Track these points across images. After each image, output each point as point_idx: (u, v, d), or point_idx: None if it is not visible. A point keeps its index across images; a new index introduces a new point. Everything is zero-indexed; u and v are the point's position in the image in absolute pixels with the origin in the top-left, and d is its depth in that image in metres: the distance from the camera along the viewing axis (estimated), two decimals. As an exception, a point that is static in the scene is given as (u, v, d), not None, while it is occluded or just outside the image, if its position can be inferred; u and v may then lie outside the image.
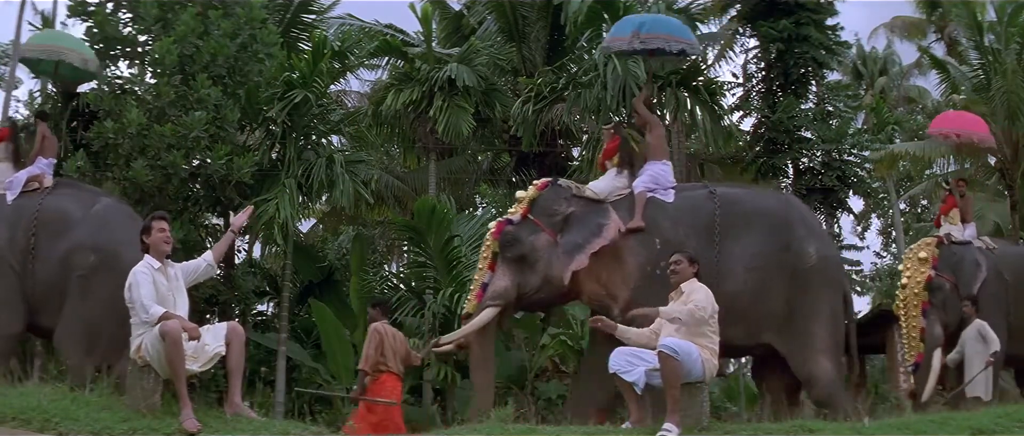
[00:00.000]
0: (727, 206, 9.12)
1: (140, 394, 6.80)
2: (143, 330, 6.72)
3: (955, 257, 11.57)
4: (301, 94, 14.15)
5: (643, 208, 9.01)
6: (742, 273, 8.77)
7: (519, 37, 19.77)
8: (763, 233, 8.94)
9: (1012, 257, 12.01)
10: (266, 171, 14.17)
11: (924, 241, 12.08)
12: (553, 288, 9.01)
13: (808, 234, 9.15)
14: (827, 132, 19.05)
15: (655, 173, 9.37)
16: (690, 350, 6.83)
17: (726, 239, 8.90)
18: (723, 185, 10.51)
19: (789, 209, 9.41)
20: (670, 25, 10.54)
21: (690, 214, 9.07)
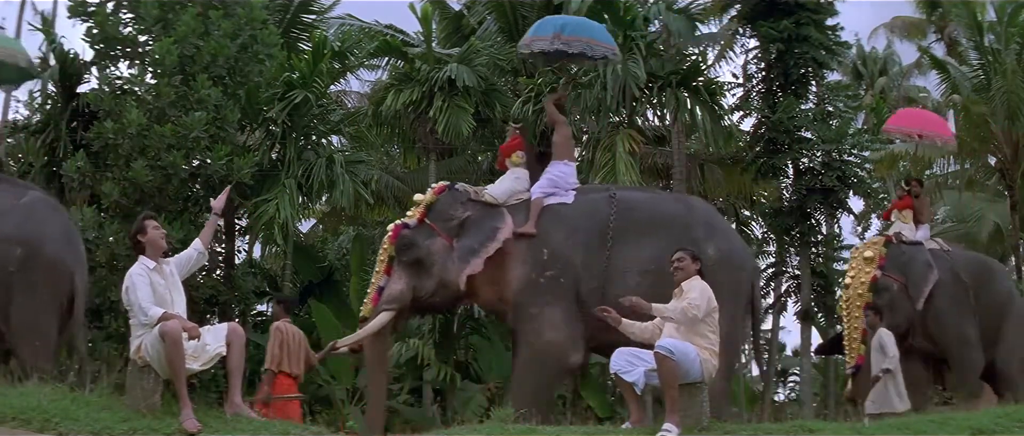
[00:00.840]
0: (624, 210, 9.04)
1: (140, 394, 6.81)
2: (142, 331, 6.73)
3: (904, 257, 11.24)
4: (301, 94, 14.16)
5: (538, 213, 8.98)
6: (636, 276, 8.66)
7: (519, 37, 19.73)
8: (660, 236, 8.80)
9: (967, 260, 11.82)
10: (266, 171, 14.18)
11: (871, 240, 11.83)
12: (448, 292, 9.01)
13: (708, 235, 8.98)
14: (827, 132, 19.03)
15: (555, 175, 9.31)
16: (687, 350, 6.83)
17: (620, 242, 8.82)
18: (628, 189, 10.37)
19: (690, 212, 9.27)
20: (592, 29, 10.37)
21: (586, 218, 8.99)
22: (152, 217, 7.21)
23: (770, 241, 23.66)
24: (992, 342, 11.37)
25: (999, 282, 11.90)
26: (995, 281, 11.78)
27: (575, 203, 9.13)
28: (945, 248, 11.71)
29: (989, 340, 11.31)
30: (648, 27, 17.61)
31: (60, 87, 14.02)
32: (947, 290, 11.11)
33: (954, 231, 22.64)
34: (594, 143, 16.73)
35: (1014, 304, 11.76)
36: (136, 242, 7.02)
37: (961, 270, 11.33)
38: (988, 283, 11.56)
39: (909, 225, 11.77)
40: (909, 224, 11.79)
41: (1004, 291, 11.84)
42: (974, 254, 12.93)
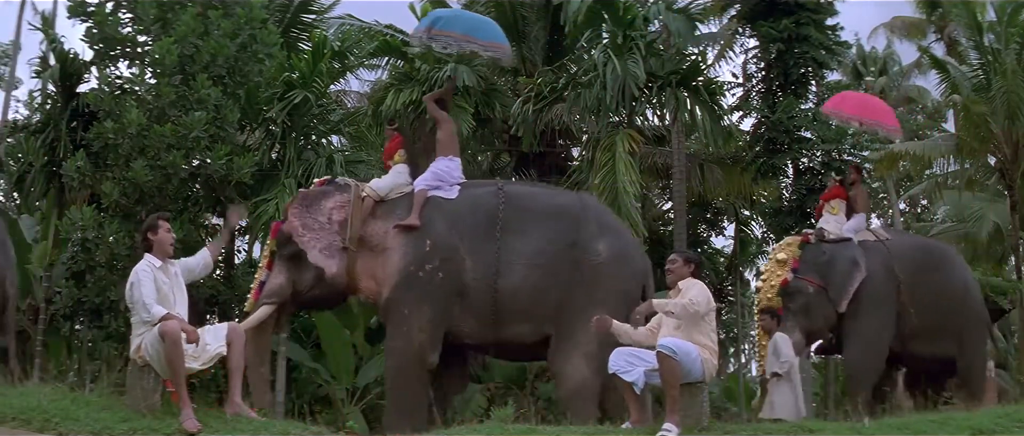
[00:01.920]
0: (513, 202, 9.00)
1: (140, 394, 6.82)
2: (143, 330, 6.74)
3: (824, 257, 10.68)
4: (301, 94, 14.15)
5: (421, 207, 8.96)
6: (523, 269, 8.63)
7: (519, 37, 19.76)
8: (550, 230, 8.78)
9: (909, 250, 11.12)
10: (266, 171, 14.17)
11: (786, 240, 11.28)
12: (327, 285, 9.03)
13: (599, 232, 8.91)
14: (827, 132, 19.02)
15: (439, 170, 9.32)
16: (689, 350, 6.83)
17: (508, 235, 8.77)
18: (518, 183, 10.31)
19: (582, 208, 9.18)
20: (468, 23, 10.22)
21: (470, 212, 8.97)
22: (165, 218, 7.22)
23: (770, 241, 23.66)
24: (941, 335, 10.79)
25: (949, 272, 11.12)
26: (943, 271, 11.04)
27: (460, 197, 9.11)
28: (883, 238, 11.06)
29: (934, 334, 10.73)
30: (648, 27, 17.61)
31: (60, 87, 14.00)
32: (873, 287, 10.54)
33: (954, 231, 22.66)
34: (594, 143, 16.73)
35: (973, 299, 11.16)
36: (145, 239, 7.04)
37: (897, 262, 10.70)
38: (932, 274, 10.88)
39: (839, 216, 11.19)
40: (839, 216, 11.21)
41: (955, 282, 11.09)
42: (922, 242, 12.18)
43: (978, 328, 11.22)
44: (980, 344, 11.23)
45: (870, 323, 10.49)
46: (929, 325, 10.70)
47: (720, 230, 24.83)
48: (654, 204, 24.11)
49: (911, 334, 10.69)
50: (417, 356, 8.65)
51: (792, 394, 9.55)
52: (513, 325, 8.61)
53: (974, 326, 11.16)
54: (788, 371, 9.59)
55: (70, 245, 12.57)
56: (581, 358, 8.44)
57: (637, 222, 15.59)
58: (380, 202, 9.19)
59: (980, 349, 11.21)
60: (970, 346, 11.03)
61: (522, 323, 8.63)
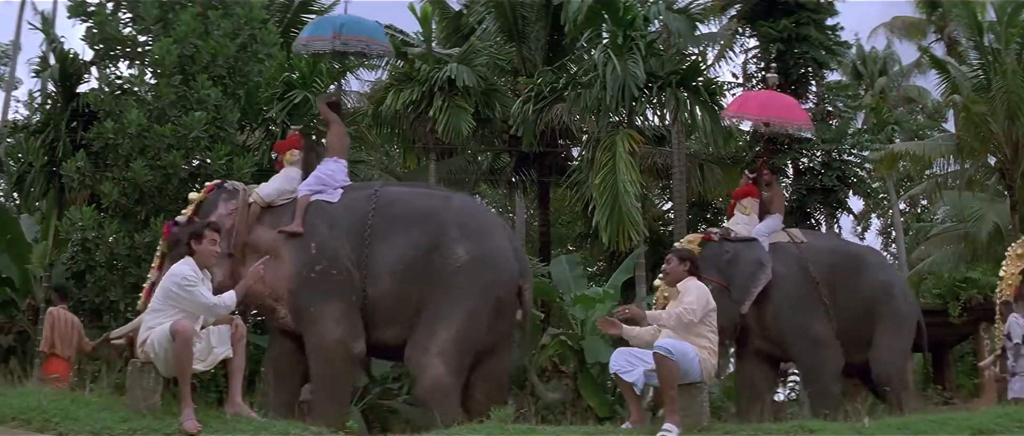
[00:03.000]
0: (384, 206, 8.99)
1: (140, 394, 6.82)
2: (156, 322, 6.75)
3: (727, 256, 10.19)
4: (301, 94, 14.16)
5: (304, 211, 8.98)
6: (387, 275, 8.62)
7: (519, 37, 19.78)
8: (414, 234, 8.76)
9: (823, 253, 10.59)
10: (267, 171, 14.16)
11: (688, 238, 10.81)
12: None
13: (462, 235, 8.81)
14: (827, 132, 19.06)
15: (324, 173, 9.31)
16: (686, 350, 6.85)
17: (377, 240, 8.77)
18: (396, 184, 10.24)
19: (445, 210, 9.07)
20: (369, 28, 10.48)
21: (347, 215, 8.96)
22: (216, 229, 7.20)
23: (770, 241, 23.65)
24: (863, 342, 10.35)
25: (868, 276, 10.59)
26: (861, 275, 10.53)
27: (341, 200, 9.12)
28: (799, 240, 10.63)
29: (858, 339, 10.30)
30: (648, 27, 17.62)
31: (60, 87, 14.00)
32: (789, 288, 10.14)
33: (954, 231, 22.67)
34: (594, 143, 16.73)
35: (892, 300, 10.59)
36: (187, 244, 7.02)
37: (813, 264, 10.28)
38: (850, 277, 10.46)
39: (751, 217, 10.76)
40: (751, 216, 10.77)
41: (875, 285, 10.56)
42: (838, 245, 11.59)
43: (898, 332, 10.51)
44: (899, 350, 10.56)
45: (809, 323, 10.09)
46: (844, 329, 10.24)
47: (720, 230, 24.80)
48: (654, 204, 24.12)
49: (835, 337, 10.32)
50: (340, 349, 8.64)
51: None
52: (382, 329, 8.62)
53: (893, 330, 10.46)
54: None
55: (70, 245, 12.56)
56: (437, 357, 8.38)
57: (637, 222, 15.60)
58: (268, 208, 9.17)
59: (899, 355, 10.54)
60: (886, 351, 10.39)
61: (388, 327, 8.65)
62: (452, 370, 8.40)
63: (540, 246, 20.74)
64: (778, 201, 11.04)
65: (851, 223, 29.69)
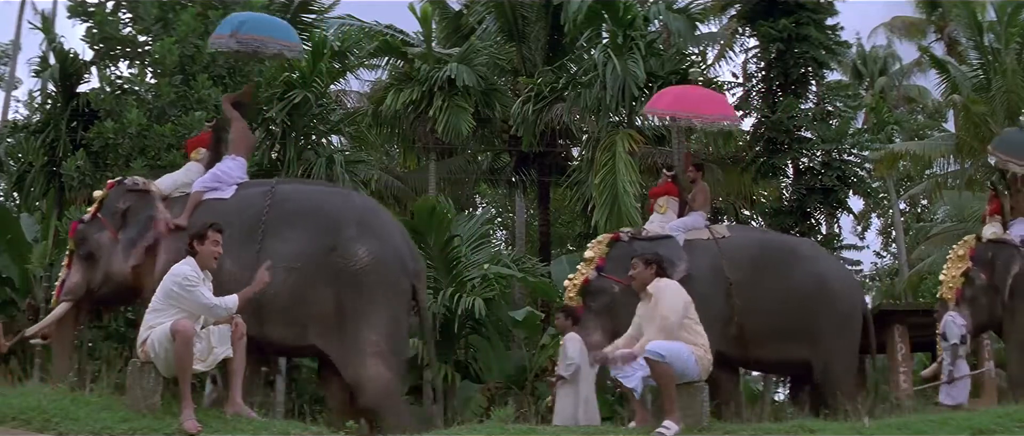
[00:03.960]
0: (278, 204, 8.88)
1: (140, 394, 6.81)
2: (155, 321, 6.75)
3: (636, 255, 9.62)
4: (301, 94, 14.16)
5: (194, 206, 8.98)
6: (281, 273, 8.34)
7: (519, 37, 19.78)
8: (310, 232, 8.64)
9: (745, 248, 10.20)
10: (266, 171, 14.17)
11: (598, 238, 10.44)
12: (115, 284, 9.04)
13: (360, 234, 8.67)
14: (827, 132, 19.05)
15: (220, 171, 9.27)
16: (680, 351, 6.87)
17: (270, 237, 8.64)
18: (294, 182, 10.20)
19: (344, 208, 8.96)
20: (271, 26, 10.29)
21: (239, 213, 8.86)
22: (219, 229, 7.16)
23: (770, 241, 23.64)
24: (789, 338, 9.96)
25: (798, 269, 10.17)
26: (790, 269, 10.13)
27: (233, 197, 9.05)
28: (718, 236, 10.26)
29: (791, 336, 9.94)
30: (648, 27, 17.63)
31: (60, 87, 14.00)
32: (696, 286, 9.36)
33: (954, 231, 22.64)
34: (594, 143, 16.74)
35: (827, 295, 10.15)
36: (190, 245, 7.02)
37: (728, 262, 9.92)
38: (777, 271, 10.03)
39: (667, 215, 10.47)
40: (667, 214, 10.49)
41: (807, 280, 10.12)
42: (764, 239, 11.15)
43: (837, 329, 10.13)
44: (843, 345, 10.19)
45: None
46: (773, 328, 9.87)
47: (720, 230, 24.81)
48: (654, 204, 24.08)
49: (752, 338, 9.87)
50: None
51: (573, 399, 9.03)
52: (275, 327, 8.41)
53: (833, 326, 10.09)
54: (572, 374, 9.04)
55: (70, 245, 12.55)
56: (376, 360, 8.29)
57: (637, 222, 15.59)
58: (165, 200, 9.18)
59: (843, 350, 10.19)
60: (827, 348, 10.06)
61: (283, 326, 8.46)
62: (392, 368, 8.32)
63: (540, 246, 20.74)
64: (701, 198, 10.65)
65: (851, 223, 29.70)
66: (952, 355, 10.47)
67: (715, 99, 11.40)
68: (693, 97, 11.09)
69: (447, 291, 14.27)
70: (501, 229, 27.37)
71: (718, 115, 10.86)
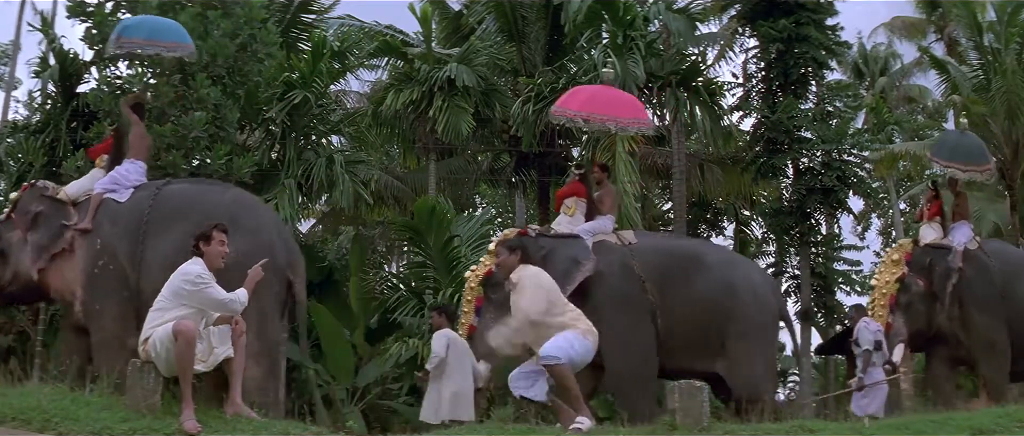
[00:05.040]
0: (161, 204, 9.18)
1: (140, 394, 6.81)
2: (158, 321, 6.75)
3: (542, 251, 9.51)
4: (301, 94, 14.15)
5: (94, 209, 9.27)
6: (158, 271, 8.54)
7: (519, 37, 19.78)
8: (185, 229, 8.70)
9: (653, 252, 9.97)
10: (266, 171, 14.18)
11: (505, 232, 10.21)
12: (23, 283, 9.39)
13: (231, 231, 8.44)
14: (827, 132, 19.05)
15: (119, 173, 9.57)
16: (568, 342, 6.83)
17: (151, 236, 8.97)
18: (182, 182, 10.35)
19: (217, 204, 9.17)
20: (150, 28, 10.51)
21: (129, 213, 9.20)
22: (223, 229, 7.19)
23: (770, 241, 23.66)
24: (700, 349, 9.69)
25: (705, 276, 9.87)
26: (697, 275, 9.84)
27: (129, 199, 9.35)
28: (627, 241, 9.99)
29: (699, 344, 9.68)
30: (648, 27, 17.63)
31: (60, 87, 14.00)
32: (608, 288, 9.55)
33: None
34: (594, 143, 16.72)
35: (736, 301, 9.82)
36: (196, 246, 7.03)
37: (638, 263, 9.71)
38: (683, 278, 9.79)
39: (575, 217, 10.20)
40: (575, 216, 10.21)
41: (714, 286, 9.82)
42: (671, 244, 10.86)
43: (748, 337, 9.76)
44: (752, 356, 9.77)
45: (619, 323, 9.42)
46: (685, 337, 9.64)
47: (720, 230, 24.85)
48: (654, 204, 24.12)
49: (669, 347, 9.66)
50: (115, 343, 8.81)
51: (437, 394, 8.88)
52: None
53: (741, 335, 9.74)
54: (437, 369, 8.89)
55: (70, 245, 12.56)
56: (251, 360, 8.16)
57: (637, 222, 15.60)
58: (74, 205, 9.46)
59: (758, 358, 9.81)
60: (740, 357, 9.71)
61: None
62: (260, 365, 8.40)
63: (540, 246, 20.71)
64: (609, 201, 10.40)
65: (851, 223, 29.70)
66: (863, 362, 10.21)
67: (629, 102, 11.12)
68: (606, 99, 10.73)
69: (447, 291, 14.27)
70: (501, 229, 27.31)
71: (633, 119, 10.60)
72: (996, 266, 11.16)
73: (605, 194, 10.41)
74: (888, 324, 10.84)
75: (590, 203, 10.36)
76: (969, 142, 11.90)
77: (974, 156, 11.64)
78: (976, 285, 10.97)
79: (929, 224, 11.73)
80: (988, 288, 10.99)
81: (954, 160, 11.57)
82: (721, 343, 9.73)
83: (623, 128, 10.63)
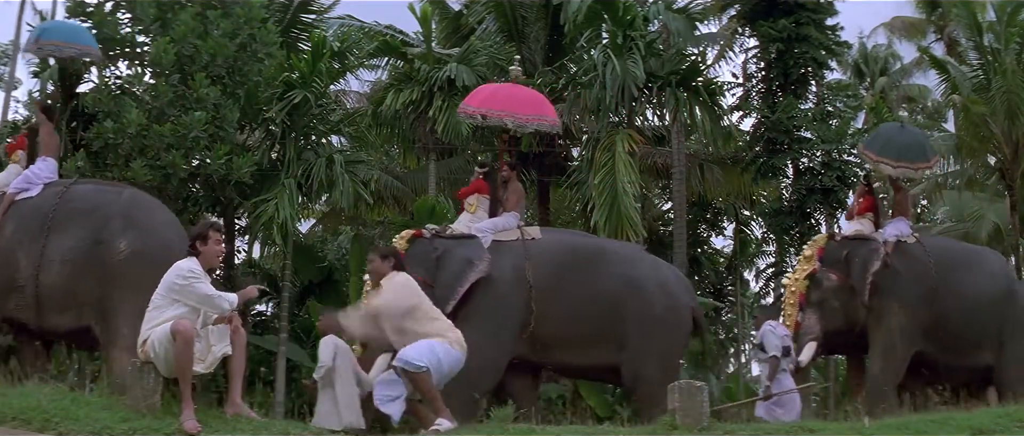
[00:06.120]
0: (64, 201, 9.44)
1: (140, 394, 6.81)
2: (157, 320, 6.75)
3: (436, 253, 9.59)
4: (301, 94, 14.14)
5: (7, 207, 9.54)
6: (57, 265, 9.07)
7: (518, 37, 19.77)
8: (83, 228, 9.18)
9: (552, 251, 9.85)
10: (266, 171, 14.17)
11: (402, 233, 10.11)
12: None
13: (124, 228, 9.15)
14: (827, 132, 19.05)
15: (31, 172, 9.86)
16: (434, 352, 6.93)
17: (54, 234, 9.21)
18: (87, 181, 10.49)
19: (114, 204, 9.41)
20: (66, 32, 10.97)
21: (35, 211, 9.44)
22: (219, 228, 7.24)
23: (770, 241, 23.66)
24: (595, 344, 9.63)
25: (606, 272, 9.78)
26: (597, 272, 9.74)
27: (37, 197, 9.59)
28: (529, 238, 9.86)
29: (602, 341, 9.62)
30: (648, 27, 17.62)
31: (59, 87, 13.99)
32: (495, 287, 9.47)
33: (954, 231, 22.66)
34: (594, 143, 16.73)
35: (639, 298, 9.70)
36: (192, 246, 7.03)
37: (532, 265, 9.57)
38: (584, 275, 9.73)
39: (476, 214, 10.10)
40: (477, 213, 10.11)
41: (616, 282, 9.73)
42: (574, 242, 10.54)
43: (649, 333, 9.65)
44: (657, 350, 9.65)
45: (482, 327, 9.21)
46: (577, 332, 9.56)
47: (720, 230, 24.87)
48: (654, 204, 24.11)
49: (555, 343, 9.57)
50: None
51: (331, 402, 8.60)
52: (53, 316, 9.14)
53: (643, 330, 9.64)
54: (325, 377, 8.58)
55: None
56: (124, 353, 8.52)
57: (636, 222, 15.60)
58: None
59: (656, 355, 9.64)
60: (637, 353, 9.59)
61: (60, 314, 9.14)
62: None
63: (540, 246, 20.71)
64: (515, 199, 10.28)
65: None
66: (770, 369, 9.81)
67: (533, 99, 11.02)
68: (507, 96, 10.70)
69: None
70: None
71: (534, 115, 10.54)
72: (932, 261, 10.59)
73: (511, 192, 10.32)
74: (797, 323, 10.37)
75: (494, 200, 10.29)
76: (907, 137, 11.45)
77: (910, 152, 11.14)
78: (903, 280, 10.44)
79: (859, 220, 11.32)
80: (915, 286, 10.45)
81: (886, 155, 11.13)
82: (617, 338, 9.68)
83: (521, 125, 10.54)
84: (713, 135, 17.88)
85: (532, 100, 10.96)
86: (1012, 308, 10.87)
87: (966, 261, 11.08)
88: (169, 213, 10.04)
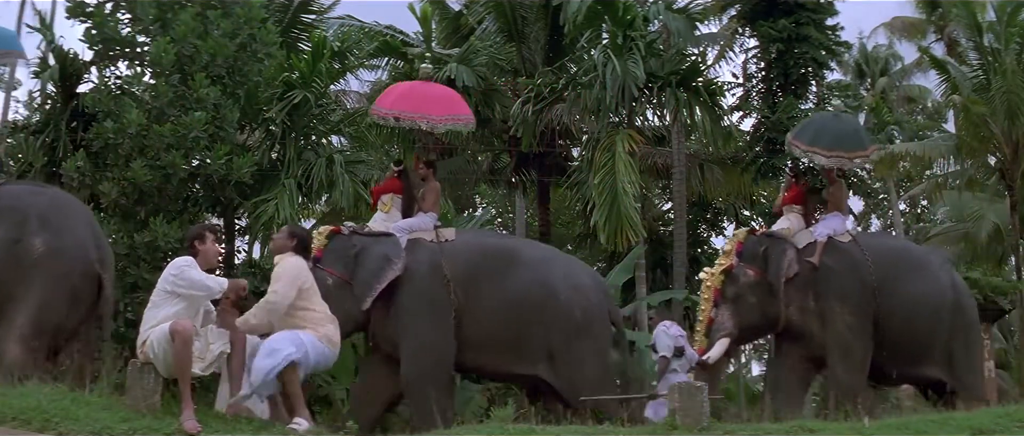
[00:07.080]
0: None
1: (140, 394, 6.82)
2: (157, 319, 6.76)
3: (354, 249, 9.51)
4: (301, 94, 14.14)
5: None
6: None
7: (518, 37, 19.78)
8: (3, 227, 9.12)
9: (467, 251, 9.67)
10: (266, 171, 14.16)
11: (320, 229, 9.91)
12: None
13: (39, 228, 9.18)
14: (827, 132, 19.02)
15: None
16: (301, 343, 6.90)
17: None
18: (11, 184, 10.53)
19: (32, 204, 9.39)
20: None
21: None
22: (216, 230, 7.31)
23: (770, 241, 23.59)
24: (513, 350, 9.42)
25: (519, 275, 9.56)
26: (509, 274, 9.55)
27: None
28: (445, 239, 9.72)
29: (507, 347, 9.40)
30: (648, 27, 17.62)
31: (60, 87, 14.00)
32: (415, 286, 9.34)
33: (954, 231, 22.67)
34: (594, 143, 16.74)
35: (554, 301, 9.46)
36: (191, 246, 7.07)
37: (449, 263, 9.43)
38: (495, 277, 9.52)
39: (391, 213, 9.99)
40: (391, 212, 9.99)
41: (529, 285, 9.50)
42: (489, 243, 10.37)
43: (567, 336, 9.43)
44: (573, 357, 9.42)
45: (419, 324, 9.29)
46: (491, 337, 9.39)
47: (720, 230, 24.85)
48: (654, 204, 24.13)
49: (475, 345, 9.43)
50: None
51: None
52: None
53: (565, 335, 9.42)
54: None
55: (69, 245, 12.56)
56: (15, 341, 8.67)
57: (636, 222, 15.60)
58: None
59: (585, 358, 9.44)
60: (563, 360, 9.38)
61: None
62: (27, 351, 8.64)
63: (540, 246, 20.71)
64: (432, 198, 10.09)
65: (851, 224, 29.72)
66: (660, 369, 9.74)
67: (445, 97, 10.83)
68: (420, 96, 10.47)
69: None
70: (501, 229, 27.38)
71: (448, 116, 10.37)
72: (871, 260, 10.17)
73: (428, 191, 10.15)
74: (710, 319, 10.13)
75: (408, 200, 10.21)
76: (841, 126, 11.00)
77: (844, 141, 10.69)
78: (839, 278, 10.07)
79: (787, 211, 10.90)
80: (853, 283, 10.06)
81: (817, 145, 10.65)
82: (539, 346, 9.47)
83: (434, 125, 10.34)
84: (713, 135, 17.88)
85: (445, 99, 10.77)
86: (960, 317, 10.44)
87: (908, 262, 10.62)
88: (87, 213, 10.08)
